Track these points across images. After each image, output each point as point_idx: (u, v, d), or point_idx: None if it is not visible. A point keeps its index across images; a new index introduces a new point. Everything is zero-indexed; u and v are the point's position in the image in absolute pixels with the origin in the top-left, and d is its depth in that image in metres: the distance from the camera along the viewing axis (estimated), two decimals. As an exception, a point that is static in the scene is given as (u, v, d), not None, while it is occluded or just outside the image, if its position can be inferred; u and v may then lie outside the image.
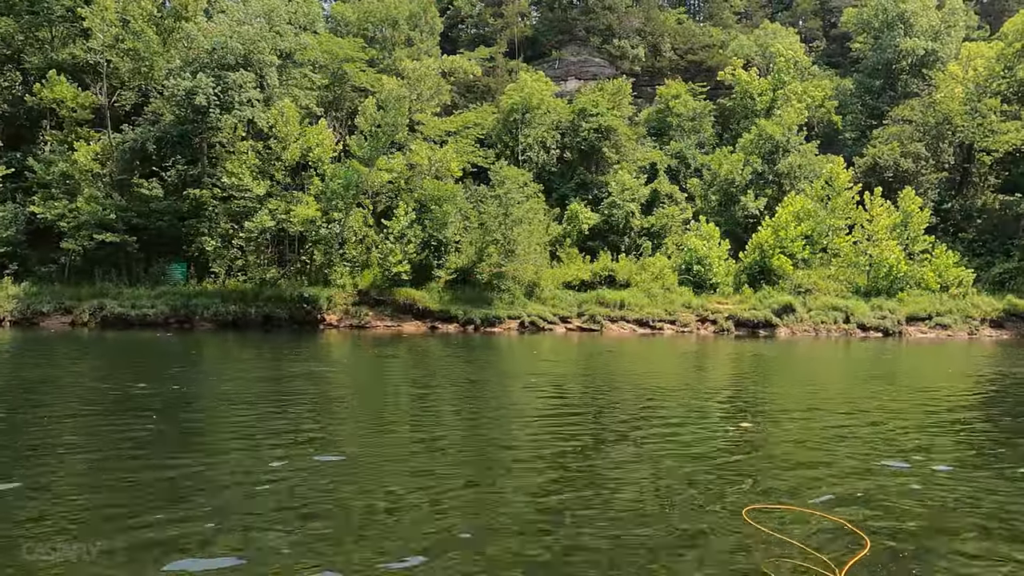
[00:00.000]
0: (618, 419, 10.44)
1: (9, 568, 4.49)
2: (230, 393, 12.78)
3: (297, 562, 4.66)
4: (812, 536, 5.36)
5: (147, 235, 35.65)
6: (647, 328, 36.48)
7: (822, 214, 43.85)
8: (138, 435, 8.62)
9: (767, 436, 9.30)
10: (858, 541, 5.23)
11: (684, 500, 6.31)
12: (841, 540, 5.27)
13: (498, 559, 4.85)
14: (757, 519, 5.66)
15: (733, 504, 6.11)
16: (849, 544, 5.19)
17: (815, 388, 15.42)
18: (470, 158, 45.45)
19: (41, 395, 11.72)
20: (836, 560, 4.84)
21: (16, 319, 31.10)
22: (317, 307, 33.56)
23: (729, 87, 56.80)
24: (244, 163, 35.56)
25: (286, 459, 7.45)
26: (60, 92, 36.70)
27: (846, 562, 4.81)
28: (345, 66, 45.50)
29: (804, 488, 6.72)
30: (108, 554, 4.73)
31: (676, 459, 7.88)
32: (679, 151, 52.20)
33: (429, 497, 6.22)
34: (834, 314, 38.67)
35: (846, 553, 5.00)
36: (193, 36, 36.55)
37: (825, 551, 5.01)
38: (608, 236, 44.67)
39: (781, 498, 6.35)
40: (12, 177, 36.33)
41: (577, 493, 6.48)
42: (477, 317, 34.41)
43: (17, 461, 7.30)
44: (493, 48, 62.41)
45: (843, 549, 5.10)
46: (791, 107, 50.29)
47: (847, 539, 5.30)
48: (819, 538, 5.32)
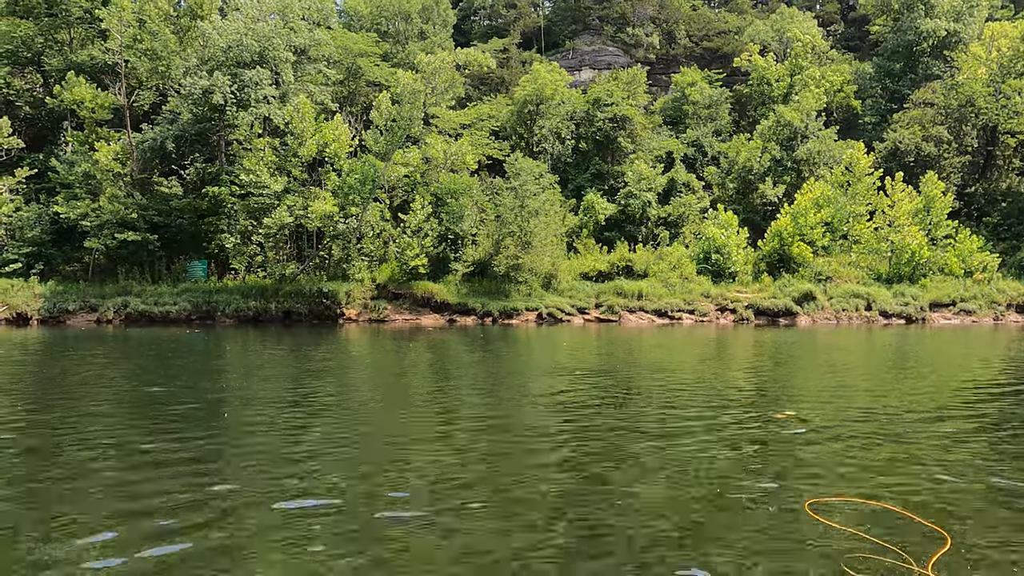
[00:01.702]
0: (653, 412, 10.39)
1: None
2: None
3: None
4: (885, 531, 5.09)
5: (168, 233, 36.08)
6: (665, 318, 36.31)
7: (842, 200, 43.29)
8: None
9: (810, 425, 9.07)
10: (935, 536, 4.96)
11: (741, 495, 6.03)
12: (915, 535, 5.01)
13: (537, 552, 4.86)
14: (821, 513, 5.41)
15: (791, 498, 5.84)
16: (926, 539, 4.91)
17: (846, 375, 15.22)
18: (485, 151, 45.41)
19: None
20: (917, 555, 4.56)
21: (43, 317, 31.65)
22: (336, 302, 33.78)
23: (745, 73, 56.12)
24: (261, 160, 35.82)
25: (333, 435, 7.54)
26: (80, 93, 37.16)
27: (929, 557, 4.54)
28: (359, 61, 45.60)
29: (861, 480, 6.46)
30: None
31: (723, 450, 7.71)
32: (696, 139, 51.75)
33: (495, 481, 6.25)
34: (855, 301, 38.22)
35: (926, 548, 4.71)
36: (209, 35, 36.78)
37: (904, 546, 4.73)
38: (625, 226, 44.46)
39: (840, 490, 6.08)
40: (35, 178, 36.92)
41: (620, 489, 6.47)
42: (495, 309, 34.47)
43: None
44: (506, 39, 62.14)
45: (921, 544, 4.80)
46: (809, 92, 49.59)
47: (922, 534, 5.02)
48: (894, 533, 5.05)
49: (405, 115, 36.95)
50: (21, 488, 6.23)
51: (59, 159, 37.01)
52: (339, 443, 8.10)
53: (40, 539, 4.97)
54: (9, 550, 4.81)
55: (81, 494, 6.01)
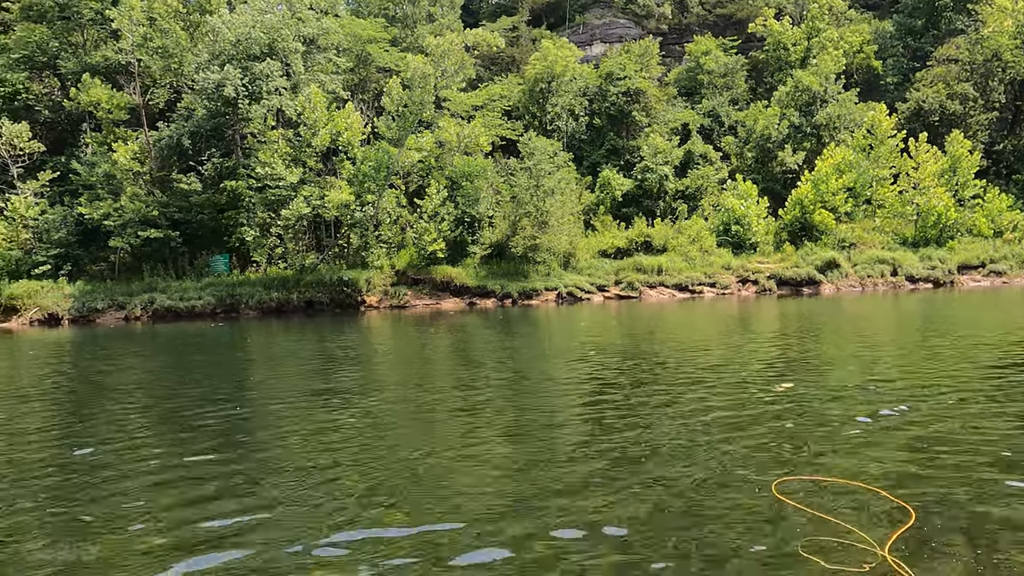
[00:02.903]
0: (655, 384, 10.40)
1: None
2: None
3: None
4: (850, 510, 4.96)
5: (189, 229, 36.57)
6: (686, 292, 36.05)
7: (864, 164, 42.38)
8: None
9: (804, 398, 8.97)
10: (902, 513, 4.82)
11: (712, 471, 5.97)
12: (883, 513, 4.87)
13: (529, 530, 4.91)
14: (788, 493, 5.28)
15: (763, 476, 5.73)
16: (891, 517, 4.78)
17: (860, 345, 15.03)
18: (498, 131, 45.15)
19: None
20: (880, 536, 4.46)
21: (74, 317, 32.40)
22: (357, 289, 34.07)
23: (761, 39, 54.89)
24: (276, 152, 36.04)
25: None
26: (96, 95, 37.62)
27: (890, 536, 4.43)
28: (368, 47, 45.46)
29: (840, 457, 6.30)
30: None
31: (710, 425, 7.66)
32: (712, 109, 50.90)
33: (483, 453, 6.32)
34: (881, 267, 37.58)
35: (890, 527, 4.60)
36: (218, 29, 36.90)
37: (866, 526, 4.62)
38: (642, 201, 44.04)
39: (815, 468, 5.94)
40: (58, 181, 37.59)
41: (610, 462, 6.50)
42: (514, 290, 34.50)
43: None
44: (515, 17, 61.44)
45: (886, 523, 4.68)
46: (827, 55, 48.38)
47: (889, 511, 4.89)
48: (858, 512, 4.91)
49: (416, 100, 36.86)
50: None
51: (80, 161, 37.60)
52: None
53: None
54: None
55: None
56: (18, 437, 8.61)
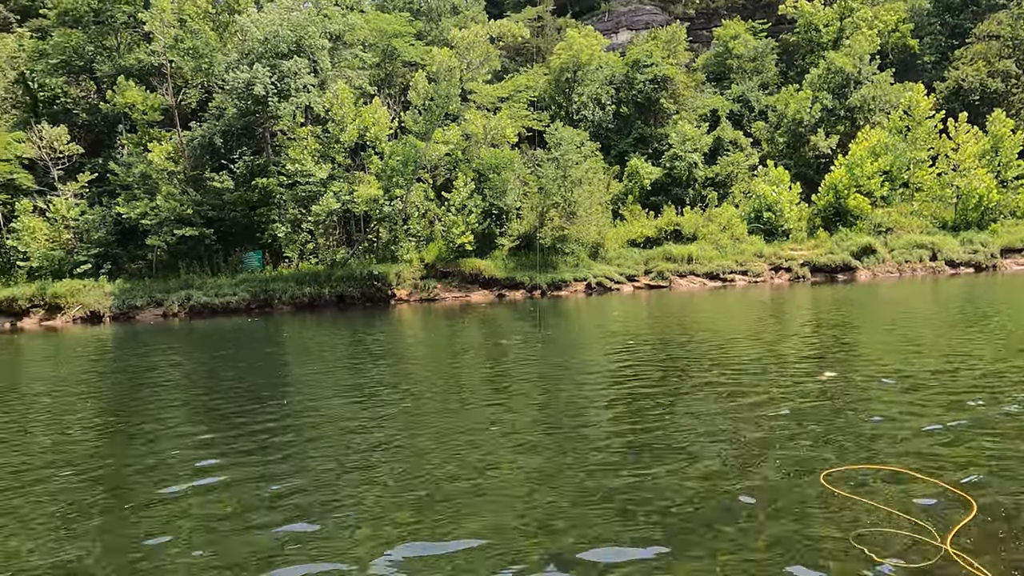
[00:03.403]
0: (694, 374, 10.30)
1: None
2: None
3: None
4: (905, 500, 4.80)
5: (223, 226, 37.26)
6: (717, 281, 35.62)
7: (901, 147, 41.27)
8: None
9: (849, 387, 8.78)
10: (963, 504, 4.64)
11: (757, 461, 5.81)
12: (941, 504, 4.70)
13: (573, 518, 4.92)
14: (837, 483, 5.15)
15: (810, 465, 5.59)
16: (951, 508, 4.61)
17: (901, 332, 14.67)
18: (524, 123, 45.01)
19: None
20: (940, 527, 4.30)
21: (114, 314, 33.30)
22: (387, 283, 34.38)
23: (792, 21, 53.70)
24: (305, 148, 36.46)
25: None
26: (131, 97, 38.47)
27: (952, 528, 4.26)
28: (394, 42, 45.62)
29: (891, 446, 6.11)
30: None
31: (753, 415, 7.53)
32: (741, 94, 50.03)
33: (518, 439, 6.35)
34: (919, 252, 36.65)
35: (950, 518, 4.43)
36: (247, 28, 37.39)
37: (924, 517, 4.47)
38: (671, 189, 43.56)
39: (864, 457, 5.77)
40: (96, 182, 38.60)
41: (651, 455, 6.46)
42: (543, 282, 34.46)
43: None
44: (539, 7, 61.01)
45: (945, 514, 4.50)
46: (861, 35, 47.17)
47: (948, 502, 4.71)
48: (914, 502, 4.75)
49: (442, 93, 36.91)
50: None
51: (117, 162, 38.52)
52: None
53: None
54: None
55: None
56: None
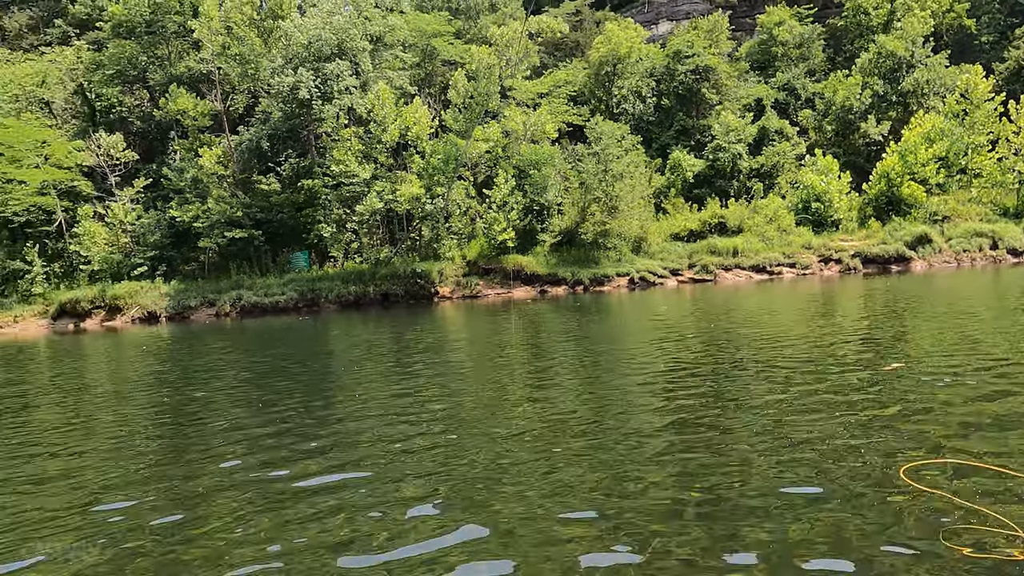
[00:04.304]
0: (756, 369, 10.08)
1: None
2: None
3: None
4: (990, 495, 4.61)
5: (271, 228, 38.24)
6: (764, 274, 34.89)
7: (958, 132, 39.66)
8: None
9: (918, 379, 8.44)
10: None
11: (833, 457, 5.63)
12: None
13: (644, 511, 4.90)
14: (917, 478, 4.97)
15: (888, 460, 5.41)
16: None
17: (970, 321, 13.99)
18: (564, 118, 44.85)
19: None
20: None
21: (170, 315, 34.53)
22: (430, 281, 34.73)
23: (839, 5, 52.14)
24: (349, 149, 37.09)
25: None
26: (182, 103, 39.77)
27: None
28: (433, 42, 46.00)
29: (969, 440, 5.88)
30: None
31: (822, 409, 7.30)
32: (787, 82, 48.81)
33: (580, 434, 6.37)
34: (978, 240, 35.21)
35: None
36: (291, 33, 38.23)
37: (1012, 513, 4.28)
38: (715, 182, 42.81)
39: (943, 451, 5.58)
40: (151, 187, 40.07)
41: (716, 447, 6.39)
42: (585, 277, 34.31)
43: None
44: (578, 1, 60.65)
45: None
46: (913, 17, 45.46)
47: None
48: (1000, 497, 4.54)
49: (482, 91, 37.07)
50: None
51: (170, 167, 39.89)
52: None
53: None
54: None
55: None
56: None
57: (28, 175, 37.99)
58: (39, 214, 38.97)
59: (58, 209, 38.79)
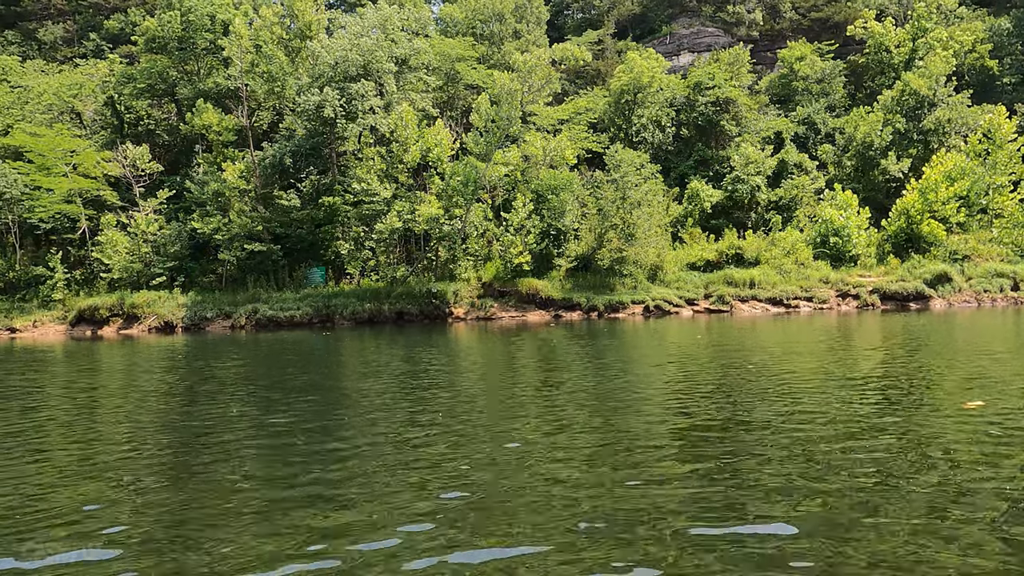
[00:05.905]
0: (835, 411, 9.92)
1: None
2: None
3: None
4: None
5: (289, 243, 38.60)
6: (781, 306, 34.66)
7: (980, 171, 39.54)
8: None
9: (1006, 417, 8.10)
10: None
11: (941, 502, 5.23)
12: None
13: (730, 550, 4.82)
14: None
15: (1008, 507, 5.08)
16: None
17: (1014, 361, 13.51)
18: (584, 144, 45.20)
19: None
20: None
21: (186, 325, 34.78)
22: (445, 301, 34.80)
23: (860, 42, 52.48)
24: (371, 169, 37.51)
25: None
26: (208, 118, 40.50)
27: None
28: (457, 66, 46.70)
29: None
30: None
31: (916, 447, 6.95)
32: (806, 116, 48.99)
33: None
34: (999, 281, 34.88)
35: None
36: (318, 53, 38.96)
37: None
38: (733, 213, 42.82)
39: None
40: (174, 199, 40.64)
41: (824, 502, 6.30)
42: (600, 303, 34.24)
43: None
44: (600, 30, 61.47)
45: None
46: (936, 56, 45.60)
47: None
48: None
49: (503, 115, 37.45)
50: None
51: (193, 180, 40.49)
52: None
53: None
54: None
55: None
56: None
57: (56, 183, 38.72)
58: (64, 221, 39.62)
59: (82, 217, 39.42)
